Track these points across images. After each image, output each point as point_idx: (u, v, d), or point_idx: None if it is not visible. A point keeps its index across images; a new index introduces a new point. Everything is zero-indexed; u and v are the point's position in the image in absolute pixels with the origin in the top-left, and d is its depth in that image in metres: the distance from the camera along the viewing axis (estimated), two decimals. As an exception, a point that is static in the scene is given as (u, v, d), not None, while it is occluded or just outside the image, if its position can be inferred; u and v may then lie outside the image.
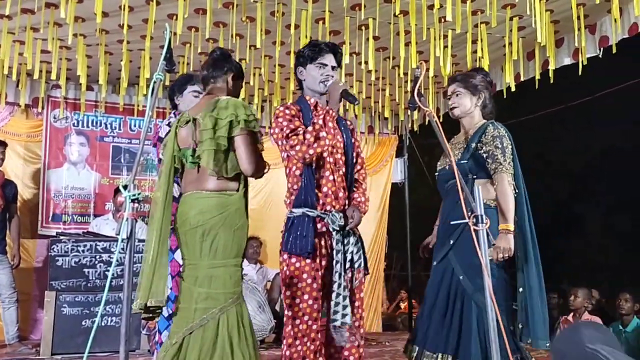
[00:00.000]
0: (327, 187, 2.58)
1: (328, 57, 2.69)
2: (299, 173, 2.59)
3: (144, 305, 2.34)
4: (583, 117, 10.03)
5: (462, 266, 2.69)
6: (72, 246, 4.78)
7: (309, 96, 2.72)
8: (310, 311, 2.49)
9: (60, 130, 5.92)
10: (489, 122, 2.83)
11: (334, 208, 2.57)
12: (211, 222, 2.34)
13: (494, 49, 4.82)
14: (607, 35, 4.34)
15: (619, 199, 10.65)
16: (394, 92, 5.73)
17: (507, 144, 2.73)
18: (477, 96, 2.87)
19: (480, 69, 3.09)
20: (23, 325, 5.18)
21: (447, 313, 2.68)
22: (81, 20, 4.30)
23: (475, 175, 2.76)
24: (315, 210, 2.53)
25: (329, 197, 2.58)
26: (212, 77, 2.61)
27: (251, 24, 4.28)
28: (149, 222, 2.49)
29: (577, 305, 5.03)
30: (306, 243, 2.48)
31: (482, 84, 2.88)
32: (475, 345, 2.58)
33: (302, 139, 2.49)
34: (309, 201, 2.54)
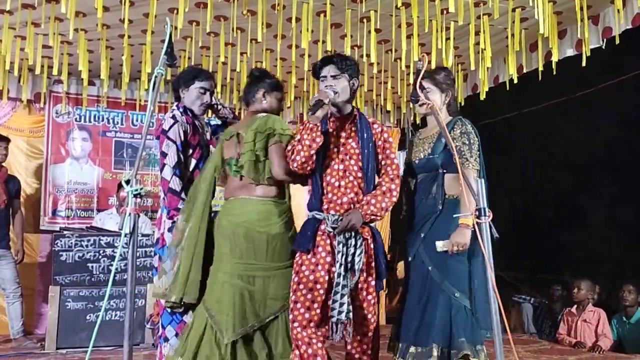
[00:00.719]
0: (332, 193, 2.73)
1: (325, 69, 2.79)
2: (311, 179, 2.77)
3: (180, 300, 2.75)
4: (586, 109, 9.98)
5: (431, 257, 2.73)
6: (75, 241, 4.79)
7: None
8: (304, 300, 2.63)
9: (62, 125, 5.92)
10: (457, 118, 2.87)
11: (337, 212, 2.70)
12: (275, 228, 2.76)
13: (497, 40, 4.80)
14: (610, 26, 4.31)
15: (623, 191, 10.61)
16: (396, 85, 5.71)
17: (474, 141, 2.77)
18: (445, 93, 2.92)
19: (444, 68, 3.15)
20: (27, 319, 5.21)
21: (419, 305, 2.72)
22: (82, 15, 4.29)
23: (445, 170, 2.79)
24: (322, 213, 2.71)
25: (332, 202, 2.72)
26: (249, 98, 2.97)
27: (252, 18, 4.27)
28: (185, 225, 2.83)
29: (580, 297, 5.04)
30: (306, 241, 2.68)
31: (447, 82, 2.94)
32: (441, 335, 2.61)
33: (289, 154, 2.73)
34: (316, 205, 2.73)
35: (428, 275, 2.72)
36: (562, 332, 5.08)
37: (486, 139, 2.99)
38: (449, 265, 2.67)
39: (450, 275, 2.67)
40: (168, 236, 2.91)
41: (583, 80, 7.19)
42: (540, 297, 6.45)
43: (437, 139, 2.86)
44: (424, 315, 2.69)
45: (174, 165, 2.87)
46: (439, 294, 2.68)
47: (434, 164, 2.81)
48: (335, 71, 2.77)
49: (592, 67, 4.69)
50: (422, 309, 2.71)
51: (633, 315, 4.98)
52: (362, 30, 4.46)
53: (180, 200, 2.85)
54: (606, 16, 4.35)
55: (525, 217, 11.69)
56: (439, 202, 2.75)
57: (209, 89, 3.06)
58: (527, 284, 9.23)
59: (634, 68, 6.35)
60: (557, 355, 4.52)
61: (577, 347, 4.77)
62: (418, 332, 2.68)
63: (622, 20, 4.16)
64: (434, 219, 2.75)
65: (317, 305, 2.63)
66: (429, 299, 2.70)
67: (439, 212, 2.74)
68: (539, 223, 11.84)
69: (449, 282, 2.67)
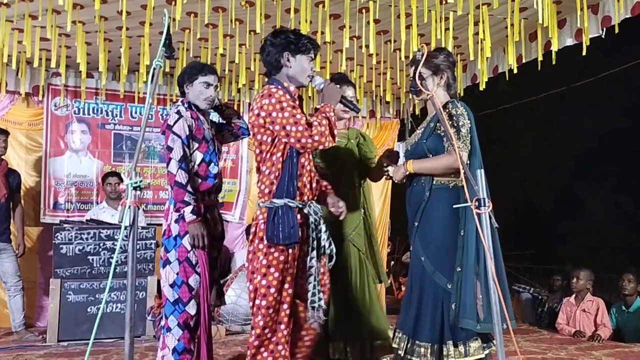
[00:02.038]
0: (304, 177, 2.65)
1: (314, 52, 2.73)
2: (282, 159, 2.61)
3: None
4: (586, 98, 9.98)
5: (423, 247, 2.70)
6: (75, 234, 4.80)
7: (288, 84, 2.71)
8: (290, 299, 2.59)
9: (61, 118, 5.91)
10: (449, 101, 2.76)
11: (309, 199, 2.66)
12: None
13: (496, 30, 4.78)
14: (609, 15, 4.29)
15: (623, 180, 10.64)
16: (395, 75, 5.70)
17: (464, 123, 2.65)
18: (439, 76, 2.80)
19: (443, 49, 2.99)
20: (29, 312, 5.23)
21: (416, 296, 2.71)
22: (79, 7, 4.27)
23: (435, 155, 2.72)
24: (295, 200, 2.59)
25: (306, 187, 2.65)
26: None
27: (251, 9, 4.25)
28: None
29: (579, 287, 5.06)
30: (294, 233, 2.54)
31: (444, 63, 2.81)
32: (431, 326, 2.61)
33: (320, 129, 2.52)
34: (291, 191, 2.58)
35: (421, 265, 2.70)
36: (561, 322, 5.10)
37: (486, 130, 2.98)
38: (441, 256, 2.64)
39: (442, 266, 2.63)
40: (175, 227, 2.92)
41: (583, 70, 7.19)
42: (539, 287, 6.47)
43: (427, 124, 2.82)
44: (420, 307, 2.68)
45: (179, 159, 2.90)
46: (432, 285, 2.65)
47: (422, 149, 2.76)
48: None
49: (592, 57, 4.68)
50: (417, 299, 2.69)
51: (632, 304, 4.99)
52: (361, 21, 4.45)
53: (186, 193, 2.86)
54: (606, 5, 4.33)
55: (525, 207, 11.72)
56: (427, 189, 2.70)
57: (213, 84, 3.07)
58: (526, 274, 9.27)
59: (634, 57, 6.34)
60: (556, 344, 4.54)
61: (577, 336, 4.80)
62: (416, 325, 2.67)
63: (621, 9, 4.14)
64: (423, 207, 2.72)
65: (287, 306, 2.61)
66: (424, 290, 2.68)
67: (427, 199, 2.70)
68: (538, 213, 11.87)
69: (441, 272, 2.63)
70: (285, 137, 2.56)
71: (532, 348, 4.39)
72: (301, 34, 2.74)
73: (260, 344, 2.56)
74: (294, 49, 2.67)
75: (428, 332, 2.61)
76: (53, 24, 4.34)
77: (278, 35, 2.71)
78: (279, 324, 2.59)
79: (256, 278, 2.58)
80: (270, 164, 2.62)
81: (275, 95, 2.58)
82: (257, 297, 2.56)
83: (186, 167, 2.91)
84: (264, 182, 2.64)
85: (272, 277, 2.56)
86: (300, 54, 2.68)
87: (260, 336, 2.56)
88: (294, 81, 2.71)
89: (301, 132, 2.51)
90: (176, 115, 2.97)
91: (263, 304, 2.55)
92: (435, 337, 2.60)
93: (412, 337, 2.66)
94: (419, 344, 2.62)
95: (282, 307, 2.59)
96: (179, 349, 2.87)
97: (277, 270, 2.56)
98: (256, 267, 2.59)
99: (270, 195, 2.61)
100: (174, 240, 2.93)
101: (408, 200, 2.84)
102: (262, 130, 2.61)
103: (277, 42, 2.69)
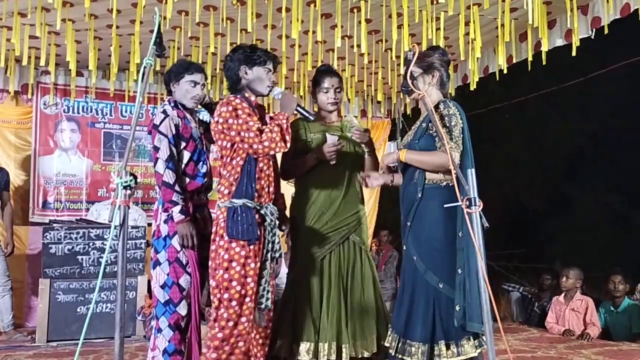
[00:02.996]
0: (263, 180, 2.82)
1: (271, 64, 2.90)
2: (242, 163, 2.77)
3: None
4: (575, 99, 10.05)
5: (415, 246, 2.70)
6: (65, 233, 4.77)
7: (249, 95, 2.89)
8: (252, 293, 2.71)
9: (50, 116, 5.87)
10: (441, 101, 2.75)
11: (266, 201, 2.83)
12: None
13: (487, 30, 4.80)
14: (599, 16, 4.32)
15: (612, 180, 10.71)
16: (387, 75, 5.71)
17: (456, 123, 2.65)
18: (430, 75, 2.78)
19: (437, 47, 2.98)
20: (17, 313, 5.19)
21: (408, 295, 2.70)
22: (69, 5, 4.24)
23: None
24: (253, 201, 2.76)
25: (264, 189, 2.82)
26: None
27: (242, 8, 4.24)
28: None
29: (569, 286, 5.08)
30: (253, 230, 2.71)
31: (438, 61, 2.80)
32: (423, 325, 2.61)
33: (270, 136, 2.67)
34: (249, 193, 2.75)
35: (414, 264, 2.70)
36: (550, 321, 5.13)
37: (476, 129, 2.97)
38: (433, 255, 2.63)
39: (434, 265, 2.63)
40: (164, 228, 2.92)
41: (572, 70, 7.22)
42: (529, 286, 6.51)
43: (419, 124, 2.82)
44: (411, 307, 2.67)
45: (166, 159, 2.89)
46: (423, 284, 2.65)
47: (414, 149, 2.75)
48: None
49: (582, 57, 4.71)
50: (409, 299, 2.69)
51: (620, 304, 5.03)
52: (353, 21, 4.45)
53: (174, 193, 2.85)
54: (595, 6, 4.36)
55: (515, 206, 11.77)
56: (419, 189, 2.70)
57: (199, 82, 3.05)
58: (516, 273, 9.31)
59: (623, 58, 6.38)
60: (546, 343, 4.57)
61: (566, 335, 4.83)
62: (407, 325, 2.67)
63: (611, 10, 4.17)
64: (416, 207, 2.71)
65: (249, 300, 2.69)
66: (415, 290, 2.68)
67: (419, 200, 2.69)
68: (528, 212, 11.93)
69: (433, 272, 2.63)
70: (240, 142, 2.72)
71: (521, 347, 4.42)
72: (257, 47, 2.94)
73: (224, 337, 2.66)
74: (250, 61, 2.85)
75: (419, 332, 2.61)
76: (42, 21, 4.31)
77: (235, 51, 2.91)
78: (241, 318, 2.69)
79: (218, 273, 2.69)
80: (231, 168, 2.78)
81: (232, 103, 2.76)
82: (220, 291, 2.68)
83: (173, 166, 2.90)
84: (224, 184, 2.80)
85: (234, 270, 2.68)
86: (257, 66, 2.85)
87: (224, 329, 2.66)
88: (254, 91, 2.89)
89: (252, 138, 2.68)
90: (162, 115, 2.96)
91: (225, 297, 2.67)
92: (426, 337, 2.60)
93: (403, 337, 2.66)
94: (410, 343, 2.62)
95: (245, 301, 2.69)
96: (169, 350, 2.86)
97: (238, 264, 2.69)
98: (218, 262, 2.72)
99: (230, 195, 2.76)
100: (164, 240, 2.92)
101: (401, 200, 2.84)
102: (222, 136, 2.78)
103: (235, 58, 2.88)
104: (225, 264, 2.69)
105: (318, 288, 3.08)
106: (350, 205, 3.20)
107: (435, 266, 2.64)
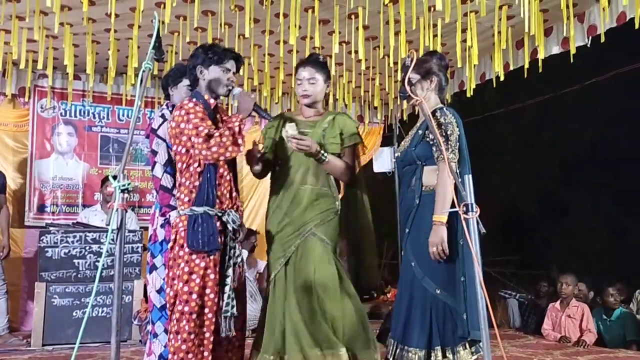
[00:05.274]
0: (223, 186, 2.70)
1: (231, 63, 2.77)
2: (200, 170, 2.65)
3: None
4: (571, 106, 10.08)
5: (413, 252, 2.70)
6: (61, 237, 4.76)
7: (208, 96, 2.76)
8: (212, 305, 2.62)
9: (47, 120, 5.87)
10: (438, 107, 2.74)
11: (228, 207, 2.71)
12: None
13: (483, 38, 4.82)
14: (595, 25, 4.35)
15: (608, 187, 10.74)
16: (384, 81, 5.73)
17: (453, 131, 2.64)
18: (428, 80, 2.78)
19: (435, 52, 2.97)
20: (13, 316, 5.17)
21: (406, 301, 2.70)
22: (67, 9, 4.24)
23: (424, 163, 2.72)
24: (214, 209, 2.64)
25: (225, 196, 2.71)
26: None
27: (240, 13, 4.25)
28: None
29: (568, 292, 5.07)
30: (214, 240, 2.60)
31: (436, 66, 2.79)
32: (420, 331, 2.61)
33: (219, 141, 2.57)
34: (210, 200, 2.63)
35: (412, 271, 2.70)
36: (547, 327, 5.13)
37: (473, 136, 2.97)
38: (431, 261, 2.62)
39: (431, 271, 2.63)
40: (160, 232, 2.91)
41: (568, 78, 7.26)
42: (526, 293, 6.51)
43: (416, 131, 2.81)
44: (409, 313, 2.67)
45: (164, 163, 2.89)
46: (420, 291, 2.65)
47: (411, 156, 2.75)
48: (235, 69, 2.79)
49: (578, 65, 4.74)
50: (407, 305, 2.69)
51: (613, 313, 5.04)
52: (350, 27, 4.47)
53: (171, 197, 2.85)
54: (591, 14, 4.39)
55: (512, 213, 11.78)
56: (417, 196, 2.69)
57: None
58: (513, 280, 9.31)
59: (619, 66, 6.43)
60: (542, 349, 4.57)
61: (562, 341, 4.83)
62: (405, 331, 2.67)
63: (607, 18, 4.20)
64: (414, 214, 2.70)
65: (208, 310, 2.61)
66: (413, 296, 2.68)
67: (417, 206, 2.69)
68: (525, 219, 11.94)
69: (430, 278, 2.62)
70: (191, 148, 2.62)
71: (518, 353, 4.42)
72: (216, 46, 2.81)
73: (188, 350, 2.57)
74: (207, 61, 2.73)
75: (417, 338, 2.61)
76: (40, 25, 4.31)
77: (196, 50, 2.81)
78: (202, 328, 2.61)
79: (177, 284, 2.61)
80: (189, 174, 2.66)
81: (185, 107, 2.65)
82: (180, 303, 2.60)
83: (172, 170, 2.89)
84: (183, 192, 2.68)
85: (194, 283, 2.59)
86: (214, 65, 2.73)
87: (187, 341, 2.57)
88: (211, 92, 2.76)
89: (200, 143, 2.57)
90: (160, 119, 2.96)
91: (186, 310, 2.59)
92: (424, 343, 2.60)
93: (401, 343, 2.66)
94: (408, 350, 2.62)
95: (204, 312, 2.62)
96: (165, 355, 2.85)
97: (198, 276, 2.60)
98: (177, 274, 2.62)
99: (190, 203, 2.64)
100: (160, 245, 2.92)
101: (400, 207, 2.85)
102: (177, 141, 2.67)
103: (195, 56, 2.77)
104: (185, 276, 2.60)
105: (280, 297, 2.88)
106: (318, 205, 2.94)
107: (433, 273, 2.63)
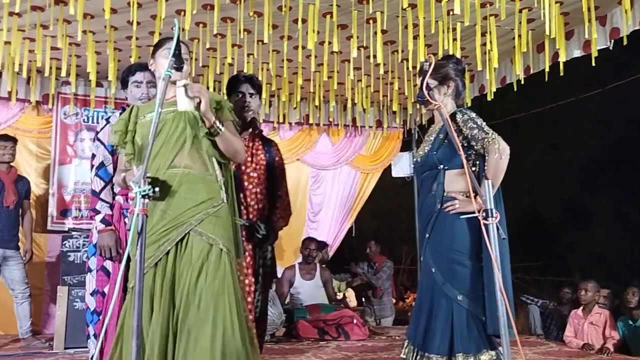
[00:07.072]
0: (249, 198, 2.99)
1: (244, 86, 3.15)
2: None
3: None
4: (594, 110, 9.96)
5: (434, 258, 2.67)
6: (83, 242, 4.81)
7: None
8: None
9: (70, 126, 5.96)
10: (457, 110, 2.74)
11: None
12: None
13: (503, 41, 4.79)
14: (618, 27, 4.29)
15: (631, 191, 10.57)
16: (402, 85, 5.71)
17: (481, 121, 2.66)
18: (446, 85, 2.78)
19: (452, 56, 2.96)
20: (36, 319, 5.24)
21: (426, 308, 2.68)
22: (90, 17, 4.32)
23: (445, 167, 2.70)
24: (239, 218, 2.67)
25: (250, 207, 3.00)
26: None
27: (259, 19, 4.28)
28: None
29: (588, 299, 5.00)
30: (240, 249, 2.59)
31: (453, 71, 2.78)
32: (441, 338, 2.58)
33: None
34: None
35: (432, 277, 2.67)
36: (569, 334, 5.06)
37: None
38: (451, 268, 2.61)
39: (452, 278, 2.60)
40: (95, 235, 2.95)
41: (590, 81, 7.17)
42: (547, 299, 6.43)
43: (436, 135, 2.79)
44: (430, 319, 2.65)
45: (97, 166, 2.95)
46: (441, 297, 2.62)
47: (432, 160, 2.73)
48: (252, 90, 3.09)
49: (600, 68, 4.68)
50: (428, 311, 2.67)
51: (638, 318, 4.95)
52: (369, 31, 4.47)
53: (98, 201, 2.88)
54: (614, 17, 4.33)
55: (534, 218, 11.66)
56: (438, 201, 2.66)
57: (143, 81, 3.01)
58: (535, 286, 9.21)
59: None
60: (565, 357, 4.50)
61: (585, 349, 4.75)
62: (426, 337, 2.64)
63: (629, 21, 4.14)
64: (435, 219, 2.68)
65: None
66: (434, 302, 2.66)
67: (438, 212, 2.66)
68: (547, 224, 11.81)
69: (451, 284, 2.60)
70: None
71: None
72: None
73: None
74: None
75: (438, 344, 2.58)
76: (64, 33, 4.39)
77: None
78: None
79: None
80: None
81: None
82: None
83: (104, 174, 2.90)
84: None
85: None
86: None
87: None
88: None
89: None
90: (104, 122, 3.02)
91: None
92: (445, 350, 2.57)
93: (422, 349, 2.64)
94: (429, 356, 2.60)
95: None
96: None
97: None
98: None
99: None
100: (94, 247, 2.95)
101: (418, 213, 2.83)
102: None
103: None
104: None
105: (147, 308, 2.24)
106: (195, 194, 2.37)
107: (454, 279, 2.61)
